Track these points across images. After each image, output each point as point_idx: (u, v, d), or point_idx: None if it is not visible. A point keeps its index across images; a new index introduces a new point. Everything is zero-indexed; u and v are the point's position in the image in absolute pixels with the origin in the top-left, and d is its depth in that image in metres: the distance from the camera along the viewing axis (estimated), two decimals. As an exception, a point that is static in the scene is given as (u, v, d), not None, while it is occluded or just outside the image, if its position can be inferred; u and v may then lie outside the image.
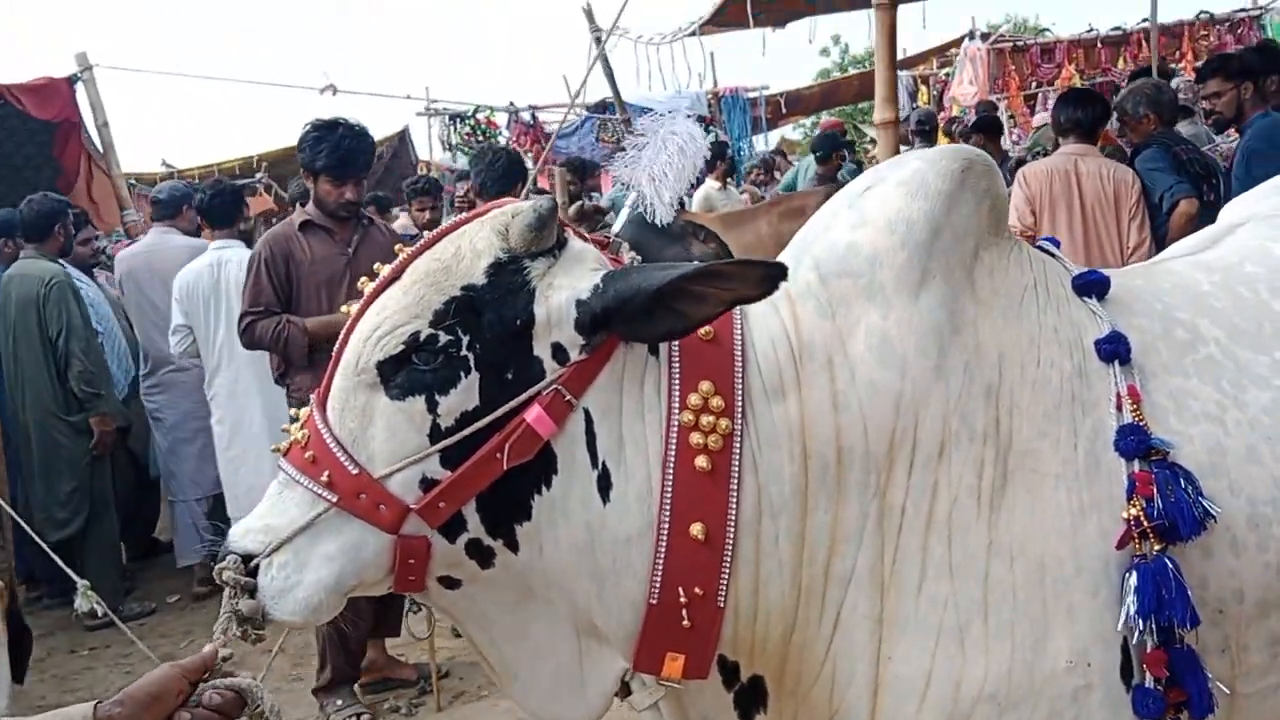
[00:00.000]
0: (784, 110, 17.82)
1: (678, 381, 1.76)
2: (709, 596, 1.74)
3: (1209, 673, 1.81)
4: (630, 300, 1.69)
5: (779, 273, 1.67)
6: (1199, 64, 9.18)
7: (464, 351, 1.71)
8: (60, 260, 6.57)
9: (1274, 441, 1.87)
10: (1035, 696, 1.74)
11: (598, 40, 8.43)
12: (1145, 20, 15.24)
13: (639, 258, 1.94)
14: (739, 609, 1.79)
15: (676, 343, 1.78)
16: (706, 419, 1.73)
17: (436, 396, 1.70)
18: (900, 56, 17.67)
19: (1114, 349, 1.86)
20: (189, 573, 6.86)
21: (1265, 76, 5.58)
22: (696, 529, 1.72)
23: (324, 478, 1.70)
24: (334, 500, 1.70)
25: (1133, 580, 1.74)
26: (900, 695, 1.78)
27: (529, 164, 8.95)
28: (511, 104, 14.56)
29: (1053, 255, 2.03)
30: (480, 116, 14.45)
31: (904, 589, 1.77)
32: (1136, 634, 1.74)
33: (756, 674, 1.87)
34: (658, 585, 1.73)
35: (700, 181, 9.87)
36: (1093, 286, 1.96)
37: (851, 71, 28.27)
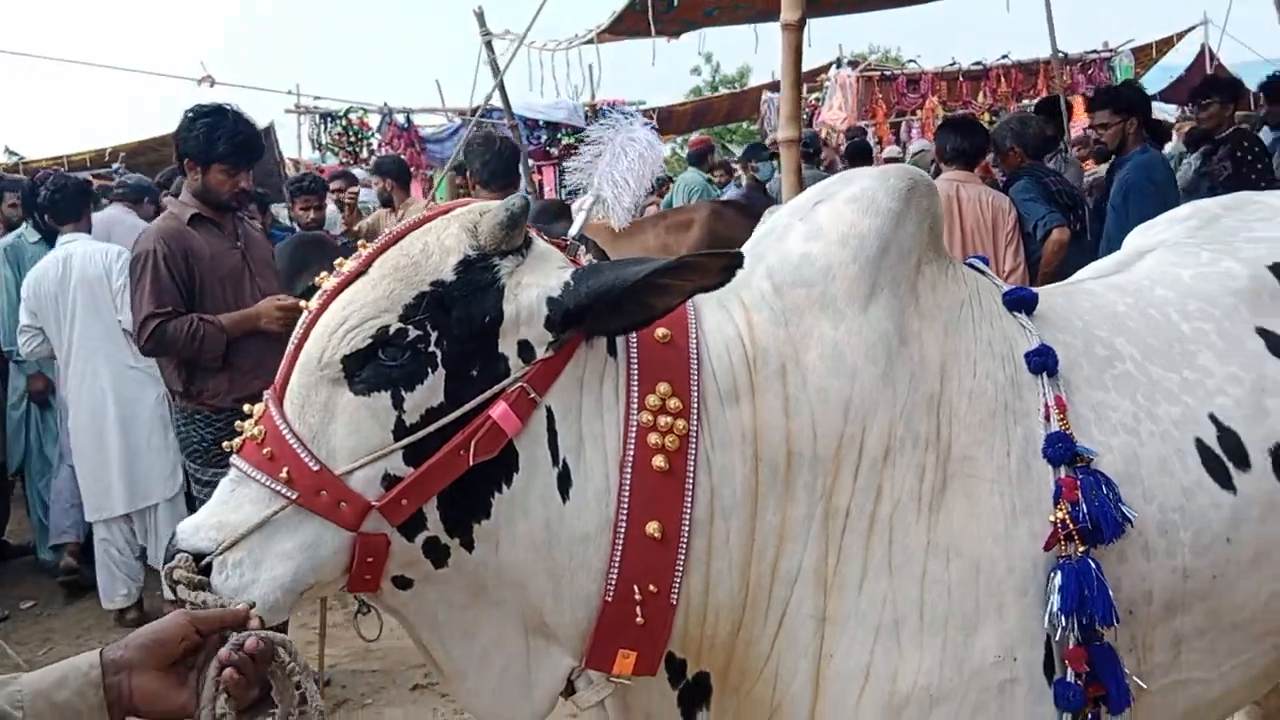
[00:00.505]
0: (656, 126, 17.95)
1: (636, 382, 1.79)
2: (663, 594, 1.77)
3: (1126, 669, 1.93)
4: (604, 296, 1.72)
5: (739, 262, 1.73)
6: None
7: (431, 348, 1.70)
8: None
9: (1183, 454, 2.01)
10: (964, 689, 1.82)
11: (488, 45, 8.36)
12: (1004, 57, 16.05)
13: (595, 259, 1.97)
14: (689, 607, 1.82)
15: (635, 344, 1.82)
16: (664, 419, 1.77)
17: (403, 392, 1.69)
18: (769, 80, 18.19)
19: (1043, 361, 1.97)
20: (44, 579, 6.55)
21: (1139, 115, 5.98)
22: (653, 527, 1.75)
23: (283, 474, 1.67)
24: (293, 497, 1.67)
25: (1057, 579, 1.84)
26: (840, 690, 1.84)
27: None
28: (385, 105, 14.31)
29: (983, 273, 2.14)
30: (353, 117, 14.15)
31: (846, 588, 1.83)
32: (1060, 630, 1.84)
33: (702, 671, 1.91)
34: (613, 583, 1.76)
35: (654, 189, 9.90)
36: (1022, 303, 2.07)
37: (722, 91, 28.77)
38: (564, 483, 1.75)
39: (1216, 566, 2.00)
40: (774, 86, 17.08)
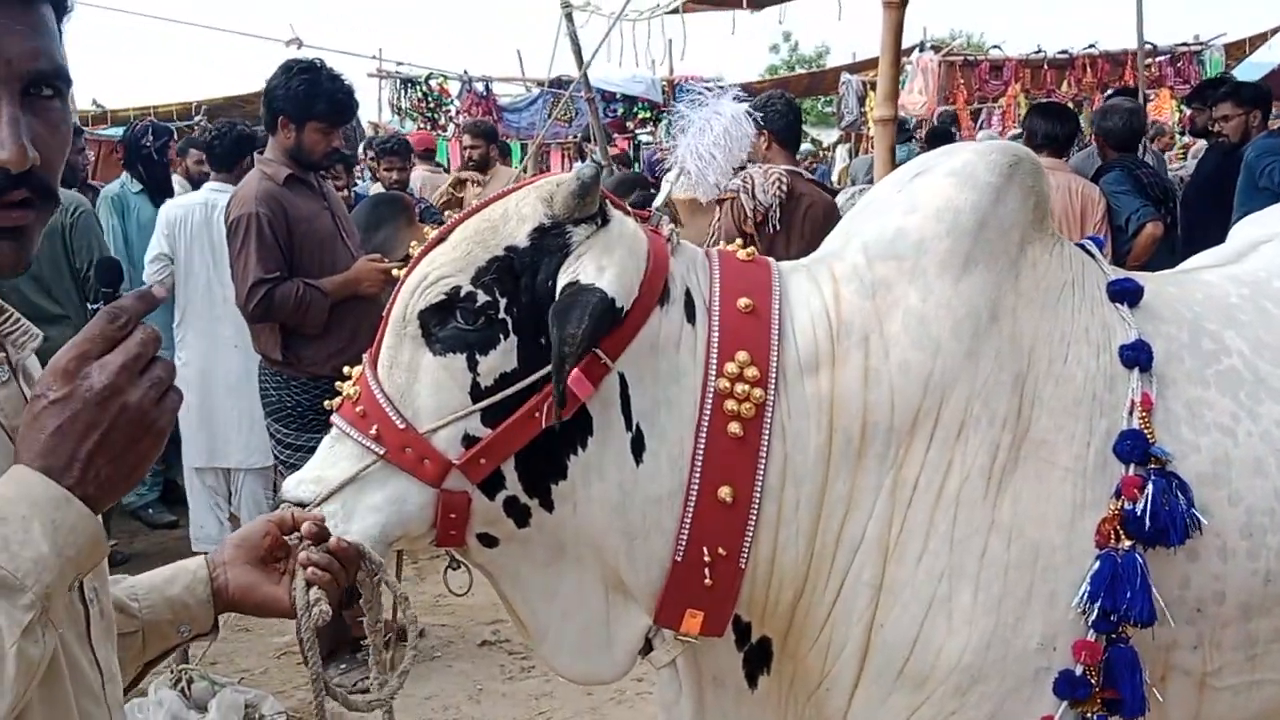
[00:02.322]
0: (750, 106, 17.79)
1: (715, 350, 1.81)
2: (731, 557, 1.80)
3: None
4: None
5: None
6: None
7: (502, 314, 1.76)
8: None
9: None
10: (1004, 671, 1.81)
11: (569, 16, 8.34)
12: (1090, 46, 15.68)
13: (679, 230, 1.97)
14: (756, 571, 1.84)
15: (716, 312, 1.84)
16: (741, 387, 1.79)
17: (476, 356, 1.75)
18: (850, 61, 17.95)
19: (1135, 356, 1.90)
20: (124, 520, 6.59)
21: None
22: (725, 492, 1.77)
23: (372, 431, 1.76)
24: (381, 453, 1.75)
25: (1095, 567, 1.80)
26: (884, 660, 1.84)
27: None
28: (466, 73, 14.39)
29: (1092, 256, 2.07)
30: (433, 83, 14.27)
31: (905, 559, 1.82)
32: (1084, 619, 1.81)
33: (766, 635, 1.93)
34: (684, 544, 1.80)
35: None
36: (1125, 295, 1.99)
37: (799, 70, 28.56)
38: (637, 446, 1.79)
39: None
40: (853, 68, 16.89)
